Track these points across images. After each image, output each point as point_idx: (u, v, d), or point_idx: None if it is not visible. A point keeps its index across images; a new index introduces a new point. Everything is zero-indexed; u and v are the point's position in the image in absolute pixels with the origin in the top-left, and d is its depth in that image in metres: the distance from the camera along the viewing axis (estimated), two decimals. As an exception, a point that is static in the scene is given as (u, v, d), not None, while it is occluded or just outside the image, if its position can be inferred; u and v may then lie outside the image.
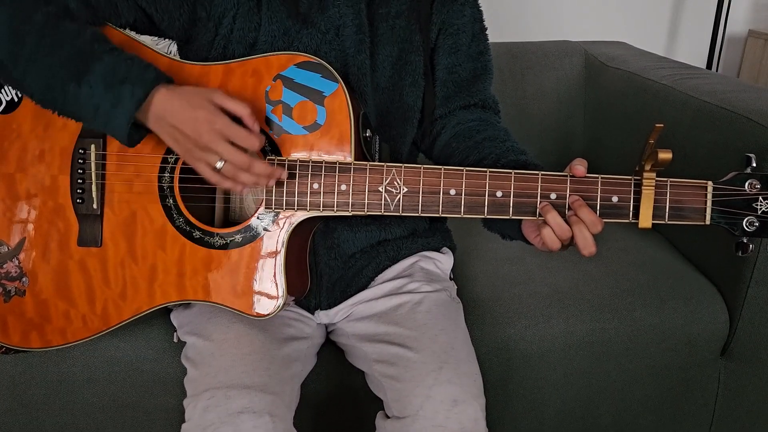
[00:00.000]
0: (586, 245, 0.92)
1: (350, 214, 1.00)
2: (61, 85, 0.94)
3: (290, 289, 1.02)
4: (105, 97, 0.93)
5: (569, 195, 0.95)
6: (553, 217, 0.93)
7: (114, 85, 0.93)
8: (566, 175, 0.95)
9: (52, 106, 0.98)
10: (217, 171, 0.93)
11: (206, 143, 0.92)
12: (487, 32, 1.19)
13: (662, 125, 0.85)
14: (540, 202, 0.95)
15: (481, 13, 1.18)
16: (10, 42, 0.95)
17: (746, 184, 0.92)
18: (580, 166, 0.94)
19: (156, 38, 1.11)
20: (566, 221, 0.93)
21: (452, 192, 0.97)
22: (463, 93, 1.18)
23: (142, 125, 0.97)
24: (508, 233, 1.05)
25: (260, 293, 1.01)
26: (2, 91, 1.06)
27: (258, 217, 1.01)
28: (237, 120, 0.94)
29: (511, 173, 0.96)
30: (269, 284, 1.01)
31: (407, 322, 1.08)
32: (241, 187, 0.96)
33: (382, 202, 0.98)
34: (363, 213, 0.99)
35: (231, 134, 0.92)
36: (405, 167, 0.98)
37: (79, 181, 1.04)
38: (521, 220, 1.01)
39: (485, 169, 0.96)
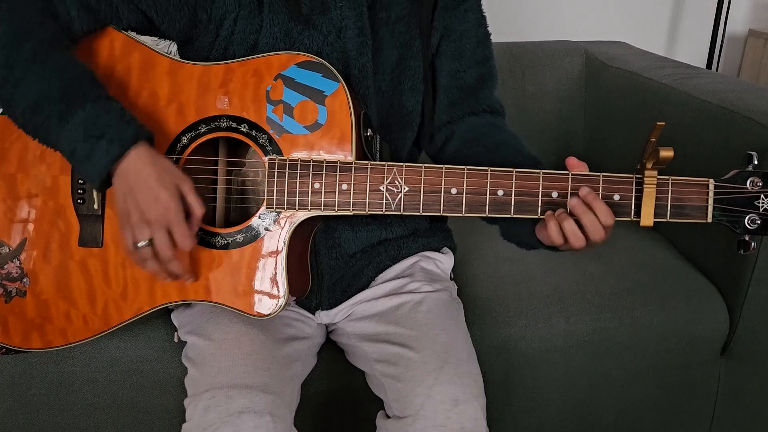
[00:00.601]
0: (596, 229, 0.93)
1: (351, 214, 1.00)
2: (43, 121, 0.95)
3: (291, 288, 1.02)
4: (82, 145, 0.93)
5: (570, 191, 0.94)
6: (570, 224, 0.94)
7: (91, 138, 0.93)
8: (567, 174, 0.95)
9: (33, 135, 0.99)
10: (136, 247, 0.95)
11: (149, 221, 0.93)
12: (491, 37, 1.19)
13: (663, 123, 0.86)
14: (541, 201, 0.95)
15: (485, 19, 1.18)
16: (0, 65, 0.96)
17: (748, 181, 0.92)
18: (573, 159, 0.96)
19: (156, 38, 1.11)
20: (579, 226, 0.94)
21: (453, 191, 0.97)
22: (470, 99, 1.17)
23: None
24: (525, 240, 1.05)
25: (261, 293, 1.01)
26: (3, 91, 1.05)
27: (259, 217, 1.01)
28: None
29: (512, 172, 0.96)
30: (270, 284, 1.01)
31: (408, 322, 1.08)
32: (145, 269, 0.98)
33: (384, 201, 0.98)
34: (364, 212, 0.99)
35: (174, 228, 0.94)
36: (406, 166, 0.98)
37: (80, 181, 1.04)
38: (534, 225, 1.01)
39: (486, 168, 0.96)
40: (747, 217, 0.92)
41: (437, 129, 1.19)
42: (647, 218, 0.93)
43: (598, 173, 0.95)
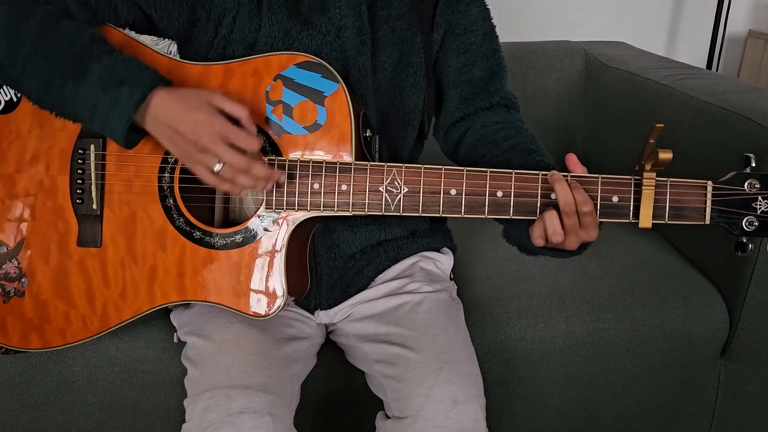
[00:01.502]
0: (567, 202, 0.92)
1: (350, 215, 1.00)
2: (59, 86, 0.94)
3: (290, 289, 1.02)
4: (102, 98, 0.93)
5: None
6: (550, 214, 0.93)
7: (112, 86, 0.92)
8: (566, 175, 0.95)
9: (50, 106, 0.98)
10: (216, 174, 0.93)
11: (205, 145, 0.91)
12: (496, 29, 1.19)
13: (662, 125, 0.85)
14: (540, 202, 0.95)
15: (489, 12, 1.18)
16: (8, 42, 0.95)
17: (746, 183, 0.92)
18: (573, 156, 0.95)
19: (156, 38, 1.11)
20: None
21: (453, 192, 0.97)
22: (482, 93, 1.17)
23: (139, 127, 0.96)
24: (525, 245, 1.05)
25: (260, 293, 1.01)
26: (1, 91, 1.06)
27: (258, 218, 1.01)
28: (235, 121, 0.94)
29: (511, 173, 0.96)
30: (269, 284, 1.01)
31: (407, 323, 1.08)
32: (239, 190, 0.95)
33: (383, 202, 0.98)
34: (363, 213, 0.99)
35: (230, 136, 0.92)
36: (405, 167, 0.98)
37: (78, 181, 1.04)
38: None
39: (485, 169, 0.96)
40: (745, 219, 0.92)
41: (451, 126, 1.19)
42: (646, 220, 0.93)
43: (597, 175, 0.95)
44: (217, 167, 0.92)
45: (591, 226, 0.93)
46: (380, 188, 0.98)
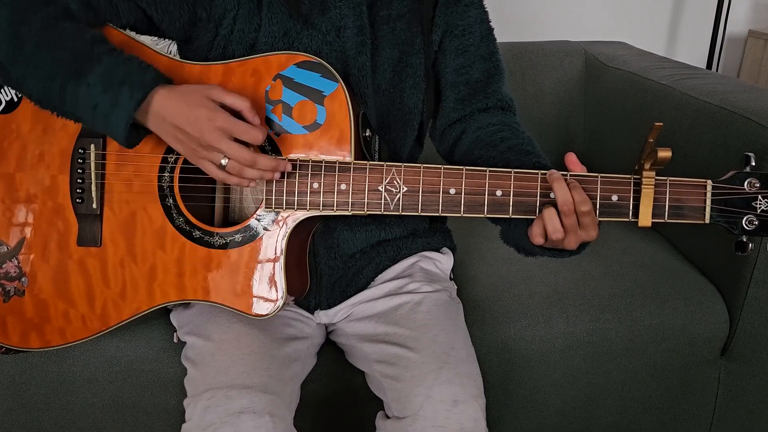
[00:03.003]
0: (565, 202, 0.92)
1: (350, 214, 1.00)
2: (60, 86, 0.94)
3: (290, 288, 1.02)
4: (103, 98, 0.93)
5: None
6: (549, 212, 0.93)
7: (113, 86, 0.92)
8: (566, 174, 0.95)
9: (51, 106, 0.98)
10: (222, 168, 0.93)
11: (209, 141, 0.91)
12: (494, 32, 1.19)
13: (661, 124, 0.85)
14: (540, 201, 0.95)
15: (487, 14, 1.18)
16: (10, 43, 0.95)
17: (745, 183, 0.92)
18: (572, 156, 0.95)
19: (156, 38, 1.11)
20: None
21: (452, 191, 0.97)
22: (479, 95, 1.17)
23: (141, 126, 0.96)
24: (524, 245, 1.04)
25: (260, 293, 1.01)
26: (2, 91, 1.06)
27: (258, 217, 1.01)
28: (238, 114, 0.94)
29: (510, 172, 0.96)
30: (269, 284, 1.01)
31: (407, 323, 1.08)
32: (247, 182, 0.96)
33: (382, 201, 0.98)
34: (363, 212, 0.99)
35: (233, 130, 0.92)
36: (405, 167, 0.98)
37: (78, 180, 1.04)
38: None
39: (485, 169, 0.96)
40: (745, 218, 0.92)
41: (447, 127, 1.19)
42: (645, 219, 0.93)
43: (597, 174, 0.94)
44: (223, 162, 0.92)
45: (590, 225, 0.93)
46: (379, 187, 0.98)
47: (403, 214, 0.99)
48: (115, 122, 0.93)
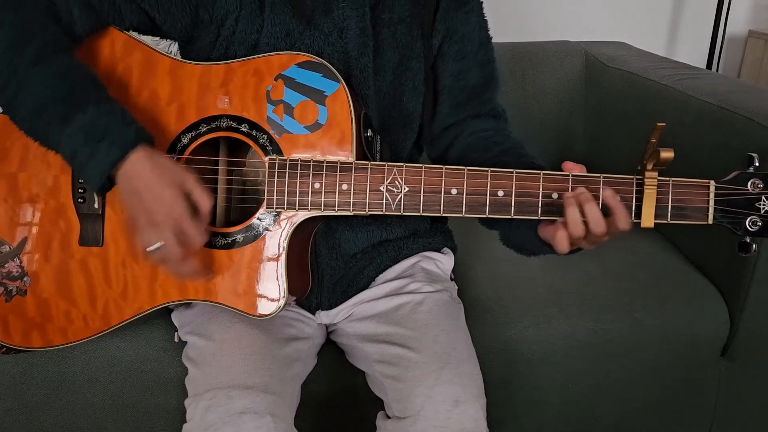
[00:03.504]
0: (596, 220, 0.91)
1: (351, 214, 1.00)
2: (45, 124, 0.95)
3: (291, 289, 1.02)
4: (82, 149, 0.93)
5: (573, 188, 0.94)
6: (573, 212, 0.91)
7: (92, 140, 0.93)
8: (568, 175, 0.95)
9: (34, 138, 0.99)
10: (150, 249, 0.95)
11: (157, 223, 0.93)
12: (492, 39, 1.19)
13: (663, 124, 0.85)
14: (542, 202, 0.95)
15: (486, 23, 1.19)
16: (2, 70, 0.96)
17: (749, 183, 0.92)
18: (569, 164, 0.95)
19: (157, 38, 1.11)
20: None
21: (453, 191, 0.97)
22: (474, 101, 1.17)
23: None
24: (526, 246, 1.04)
25: (261, 293, 1.01)
26: (3, 90, 1.05)
27: (259, 217, 1.01)
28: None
29: (512, 173, 0.96)
30: (270, 284, 1.01)
31: (408, 323, 1.08)
32: (159, 268, 0.99)
33: (384, 201, 0.98)
34: (364, 213, 0.99)
35: (183, 227, 0.93)
36: (406, 167, 0.97)
37: (80, 180, 1.04)
38: (535, 227, 1.00)
39: (486, 169, 0.96)
40: (748, 219, 0.92)
41: (440, 132, 1.19)
42: (648, 219, 0.93)
43: (599, 174, 0.94)
44: (152, 247, 0.94)
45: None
46: (381, 188, 0.98)
47: (404, 214, 0.99)
48: (90, 173, 0.94)
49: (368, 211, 0.99)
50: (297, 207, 0.99)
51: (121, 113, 0.95)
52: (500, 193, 0.96)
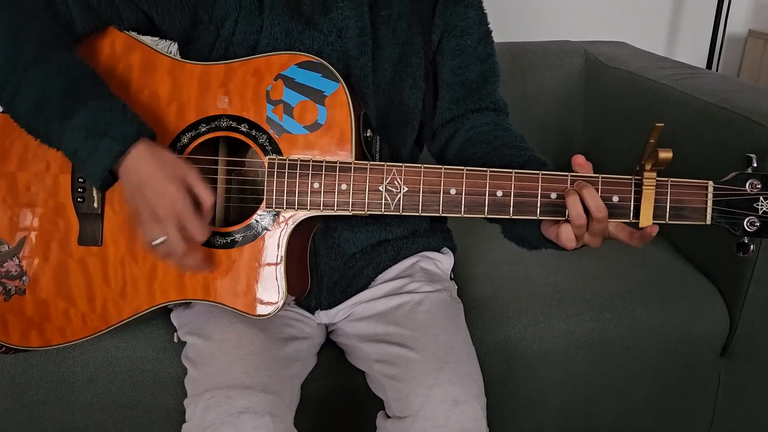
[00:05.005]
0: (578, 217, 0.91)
1: (350, 214, 1.00)
2: (45, 121, 0.95)
3: (290, 288, 1.02)
4: (84, 145, 0.93)
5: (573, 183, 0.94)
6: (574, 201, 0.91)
7: (94, 135, 0.93)
8: (567, 175, 0.95)
9: (36, 136, 0.99)
10: (150, 243, 0.95)
11: (160, 217, 0.93)
12: (492, 35, 1.19)
13: (662, 124, 0.85)
14: (540, 202, 0.95)
15: (486, 16, 1.18)
16: (2, 67, 0.96)
17: (747, 184, 0.92)
18: (580, 158, 0.95)
19: (156, 38, 1.11)
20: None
21: (452, 191, 0.97)
22: (473, 96, 1.17)
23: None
24: (528, 240, 1.04)
25: (260, 293, 1.01)
26: (3, 90, 1.06)
27: (258, 217, 1.01)
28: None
29: (511, 173, 0.96)
30: (269, 284, 1.01)
31: (407, 322, 1.08)
32: (164, 261, 1.00)
33: (383, 201, 0.98)
34: (363, 212, 0.99)
35: (186, 222, 0.93)
36: (405, 167, 0.97)
37: (79, 180, 1.04)
38: (538, 224, 0.99)
39: (485, 169, 0.96)
40: (746, 220, 0.92)
41: (440, 127, 1.19)
42: (646, 220, 0.93)
43: (597, 174, 0.94)
44: (158, 240, 0.94)
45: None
46: (380, 188, 0.98)
47: (403, 214, 0.99)
48: (92, 169, 0.94)
49: (367, 211, 0.99)
50: (296, 207, 0.99)
51: (122, 108, 0.95)
52: (499, 193, 0.96)
